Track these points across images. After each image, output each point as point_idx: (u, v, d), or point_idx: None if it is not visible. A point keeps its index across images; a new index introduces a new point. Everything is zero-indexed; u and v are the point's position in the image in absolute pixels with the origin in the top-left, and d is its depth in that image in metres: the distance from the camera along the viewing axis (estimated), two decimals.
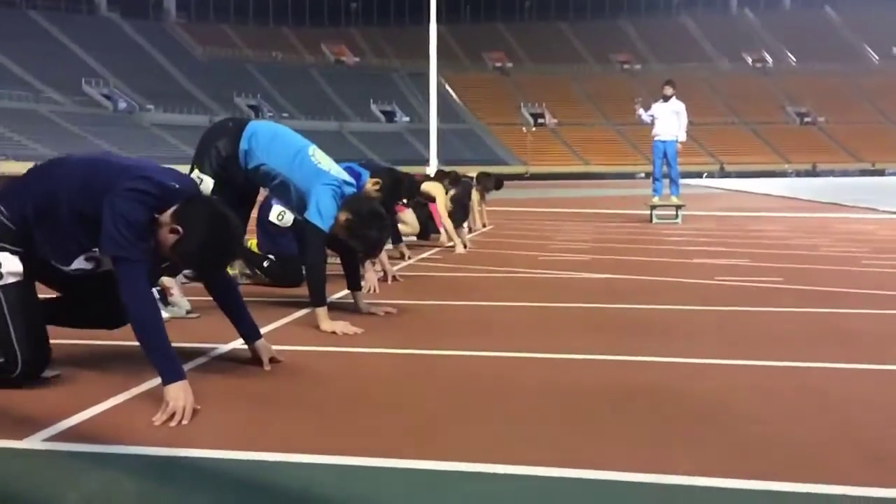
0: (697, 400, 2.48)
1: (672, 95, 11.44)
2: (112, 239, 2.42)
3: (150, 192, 2.48)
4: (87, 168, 2.63)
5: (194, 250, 2.46)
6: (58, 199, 2.55)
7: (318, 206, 3.68)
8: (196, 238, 2.44)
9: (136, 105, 64.40)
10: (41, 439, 2.10)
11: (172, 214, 2.47)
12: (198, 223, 2.44)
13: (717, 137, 76.02)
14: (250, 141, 3.80)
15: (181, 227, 2.44)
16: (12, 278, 2.56)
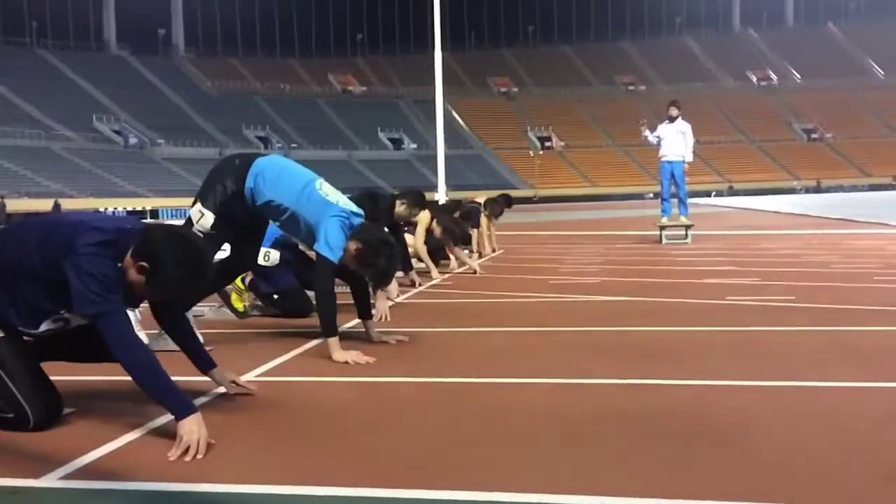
0: (710, 423, 2.46)
1: (678, 116, 11.47)
2: (85, 298, 2.40)
3: (107, 240, 2.46)
4: (41, 230, 2.62)
5: (168, 276, 2.43)
6: (16, 265, 2.53)
7: (326, 237, 3.72)
8: (165, 265, 2.41)
9: (146, 140, 65.13)
10: (57, 477, 2.11)
11: (132, 255, 2.44)
12: (160, 251, 2.42)
13: (724, 156, 76.04)
14: (256, 179, 3.84)
15: (145, 261, 2.42)
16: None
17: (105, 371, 3.10)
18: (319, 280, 3.75)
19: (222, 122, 71.46)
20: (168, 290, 2.53)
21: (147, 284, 2.46)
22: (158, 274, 2.42)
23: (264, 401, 2.92)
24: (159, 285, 2.47)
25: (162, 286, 2.49)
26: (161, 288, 2.51)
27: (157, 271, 2.42)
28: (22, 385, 2.53)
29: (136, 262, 2.43)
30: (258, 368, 3.44)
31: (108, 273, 2.43)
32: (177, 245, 2.45)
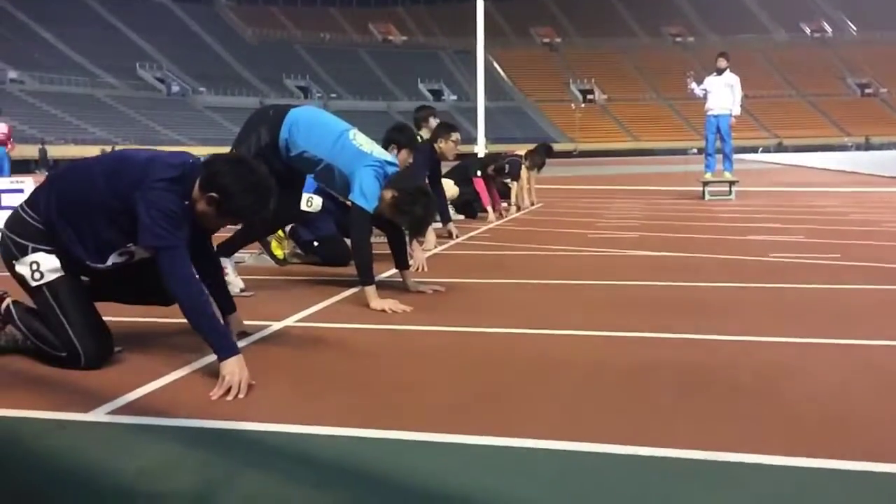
0: (752, 377, 2.44)
1: (726, 68, 11.15)
2: (151, 231, 2.48)
3: (177, 176, 2.54)
4: (108, 165, 2.68)
5: (237, 204, 2.52)
6: (84, 199, 2.61)
7: (361, 187, 3.73)
8: (233, 193, 2.50)
9: (188, 88, 65.54)
10: (105, 412, 2.18)
11: (199, 188, 2.53)
12: (227, 180, 2.50)
13: (773, 111, 74.03)
14: (290, 130, 3.85)
15: (214, 192, 2.51)
16: (53, 275, 2.63)
17: (152, 312, 3.18)
18: (355, 229, 3.78)
19: (263, 72, 71.50)
20: (238, 216, 2.59)
21: (218, 215, 2.54)
22: (227, 202, 2.51)
23: (303, 346, 2.97)
24: (230, 213, 2.56)
25: (232, 213, 2.57)
26: (232, 215, 2.59)
27: (226, 200, 2.51)
28: (76, 324, 2.60)
29: (205, 194, 2.52)
30: (297, 314, 3.49)
31: (175, 209, 2.51)
32: (242, 173, 2.53)
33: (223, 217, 2.58)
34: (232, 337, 2.48)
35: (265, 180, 2.58)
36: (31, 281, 2.62)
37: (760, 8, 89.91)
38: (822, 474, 1.71)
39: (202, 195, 2.53)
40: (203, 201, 2.54)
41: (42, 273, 2.62)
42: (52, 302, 2.62)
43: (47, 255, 2.64)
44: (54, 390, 2.41)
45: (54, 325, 2.62)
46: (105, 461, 1.84)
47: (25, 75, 54.39)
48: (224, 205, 2.52)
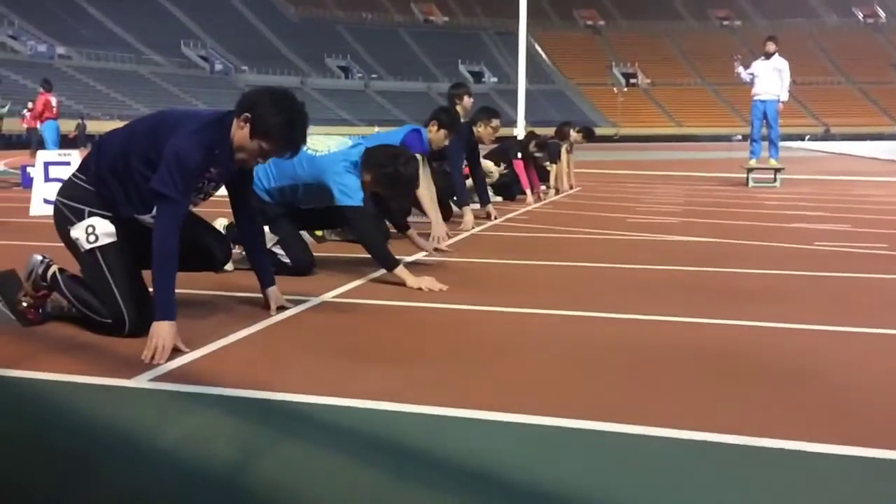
0: (793, 364, 2.40)
1: (774, 52, 10.88)
2: (162, 177, 2.55)
3: (207, 123, 2.64)
4: (150, 125, 2.77)
5: (273, 122, 2.58)
6: (127, 153, 2.70)
7: (339, 188, 3.77)
8: (267, 111, 2.57)
9: (231, 66, 66.13)
10: (147, 379, 2.23)
11: (236, 116, 2.62)
12: (258, 99, 2.60)
13: (821, 97, 72.26)
14: (260, 183, 4.02)
15: (248, 113, 2.58)
16: (107, 239, 2.70)
17: (195, 283, 3.23)
18: (356, 227, 3.83)
19: (304, 51, 71.81)
20: (277, 136, 2.61)
21: (253, 135, 2.59)
22: (259, 120, 2.58)
23: (341, 320, 3.00)
24: (267, 133, 2.59)
25: (271, 133, 2.60)
26: (269, 135, 2.60)
27: (263, 121, 2.57)
28: (123, 290, 2.67)
29: (240, 117, 2.60)
30: (335, 290, 3.53)
31: (195, 166, 2.58)
32: (272, 94, 2.62)
33: (256, 137, 2.60)
34: (174, 306, 2.51)
35: (294, 101, 2.64)
36: (86, 243, 2.68)
37: None
38: (858, 462, 1.68)
39: (238, 121, 2.61)
40: (238, 125, 2.61)
41: (97, 236, 2.69)
42: (103, 265, 2.68)
43: (103, 220, 2.71)
44: (98, 356, 2.47)
45: (102, 289, 2.67)
46: (147, 427, 1.89)
47: (73, 51, 55.37)
48: (256, 123, 2.58)
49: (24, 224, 5.97)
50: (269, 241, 3.93)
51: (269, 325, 2.89)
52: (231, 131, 2.64)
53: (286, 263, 3.91)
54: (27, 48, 53.84)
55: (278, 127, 2.59)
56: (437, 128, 5.29)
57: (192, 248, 2.85)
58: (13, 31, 55.15)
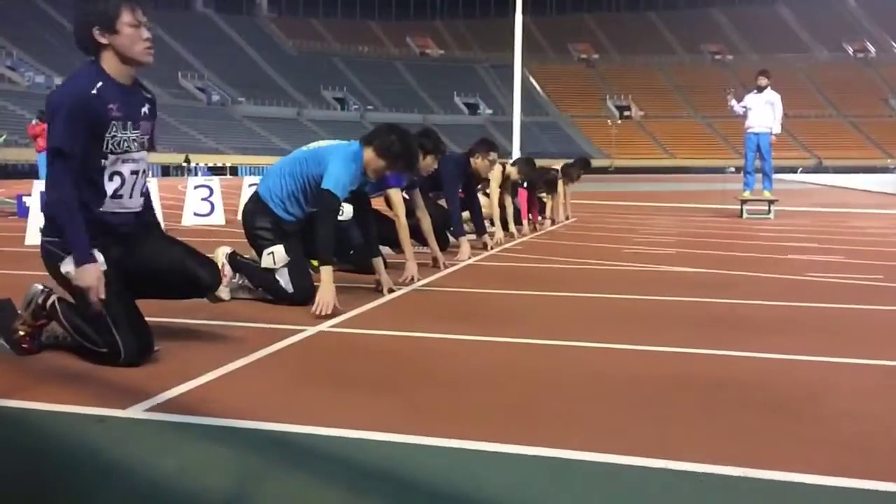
0: (790, 396, 2.40)
1: (767, 86, 11.02)
2: (48, 135, 2.66)
3: (74, 74, 2.76)
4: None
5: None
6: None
7: (332, 173, 3.85)
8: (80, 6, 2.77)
9: (228, 97, 66.60)
10: (143, 409, 2.21)
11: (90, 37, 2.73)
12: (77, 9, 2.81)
13: (813, 131, 72.98)
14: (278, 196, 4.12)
15: (83, 23, 2.72)
16: None
17: (192, 312, 3.22)
18: (322, 212, 3.83)
19: (301, 83, 72.39)
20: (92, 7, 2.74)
21: (97, 29, 2.70)
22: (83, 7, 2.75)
23: (337, 350, 2.99)
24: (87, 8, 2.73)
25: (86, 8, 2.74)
26: (87, 10, 2.73)
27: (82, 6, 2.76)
28: (117, 320, 2.65)
29: (92, 36, 2.70)
30: (331, 320, 3.52)
31: (78, 104, 2.63)
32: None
33: (94, 21, 2.69)
34: (89, 248, 2.63)
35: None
36: (74, 277, 2.67)
37: (801, 27, 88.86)
38: (859, 494, 1.67)
39: (94, 41, 2.70)
40: (97, 42, 2.71)
41: None
42: None
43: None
44: (93, 386, 2.45)
45: (95, 321, 2.66)
46: (142, 457, 1.87)
47: None
48: (83, 11, 2.71)
49: (20, 253, 5.96)
50: (280, 262, 3.93)
51: (266, 354, 2.87)
52: (101, 61, 2.72)
53: (286, 291, 3.90)
54: (25, 79, 54.17)
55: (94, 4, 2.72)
56: (423, 155, 5.27)
57: (175, 275, 2.84)
58: (12, 62, 55.54)
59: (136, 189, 2.84)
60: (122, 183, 2.77)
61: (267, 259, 3.97)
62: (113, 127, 2.69)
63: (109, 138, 2.69)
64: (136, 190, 2.83)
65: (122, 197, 2.79)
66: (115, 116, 2.69)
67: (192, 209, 9.40)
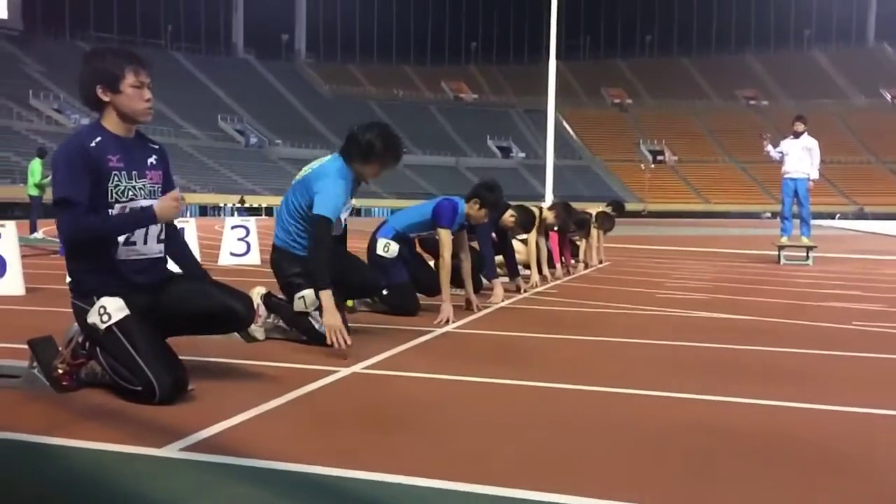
0: (833, 448, 2.33)
1: (803, 131, 10.94)
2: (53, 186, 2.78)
3: (76, 132, 2.87)
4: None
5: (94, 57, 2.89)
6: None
7: (321, 195, 3.86)
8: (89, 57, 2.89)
9: (265, 140, 67.91)
10: (177, 449, 2.22)
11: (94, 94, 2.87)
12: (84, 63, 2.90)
13: (851, 176, 72.03)
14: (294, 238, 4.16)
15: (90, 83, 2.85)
16: (120, 314, 2.74)
17: (226, 353, 3.25)
18: (314, 236, 3.83)
19: (337, 126, 73.43)
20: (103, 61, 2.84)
21: (99, 85, 2.83)
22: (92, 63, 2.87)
23: (371, 393, 2.98)
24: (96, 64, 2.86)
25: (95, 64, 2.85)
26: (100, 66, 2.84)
27: (91, 62, 2.87)
28: (149, 359, 2.68)
29: (95, 93, 2.82)
30: (364, 361, 3.51)
31: (77, 158, 2.74)
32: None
33: (97, 79, 2.82)
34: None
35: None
36: (101, 324, 2.73)
37: (837, 72, 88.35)
38: None
39: (98, 98, 2.82)
40: (100, 100, 2.83)
41: (110, 314, 2.73)
42: (124, 340, 2.71)
43: (111, 298, 2.76)
44: (130, 424, 2.47)
45: (128, 363, 2.69)
46: (176, 497, 1.87)
47: None
48: (93, 69, 2.82)
49: (62, 291, 6.06)
50: (311, 305, 3.93)
51: (300, 395, 2.87)
52: (103, 119, 2.82)
53: (320, 332, 3.91)
54: (71, 121, 55.85)
55: (107, 58, 2.86)
56: (479, 206, 5.26)
57: (210, 309, 2.87)
58: (58, 105, 57.35)
59: (151, 236, 2.90)
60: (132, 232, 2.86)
61: (298, 303, 3.98)
62: (114, 177, 2.79)
63: (112, 188, 2.79)
64: (150, 236, 2.90)
65: (136, 244, 2.86)
66: (116, 167, 2.79)
67: (228, 249, 9.53)
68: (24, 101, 55.23)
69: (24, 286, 5.99)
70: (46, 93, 58.12)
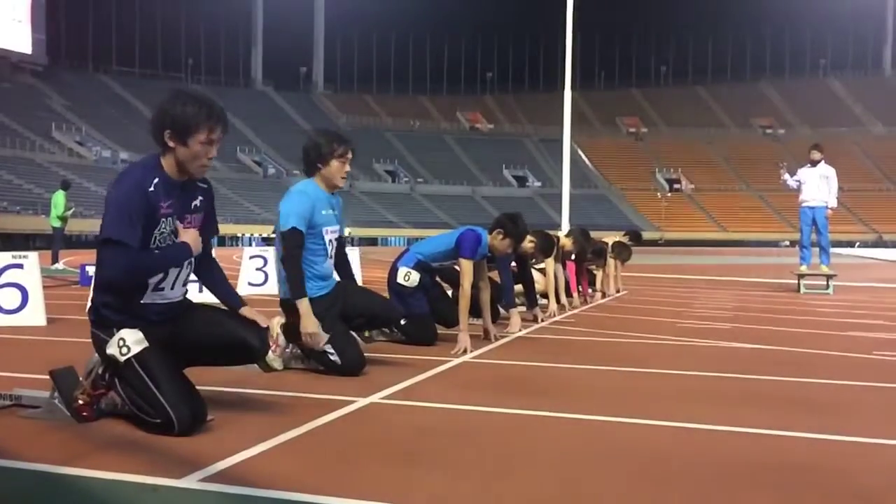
0: (861, 482, 2.28)
1: (820, 160, 10.89)
2: (103, 226, 2.72)
3: (132, 167, 2.87)
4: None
5: (176, 110, 2.78)
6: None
7: (282, 214, 3.95)
8: (167, 107, 2.79)
9: (283, 171, 68.52)
10: (197, 479, 2.22)
11: (159, 145, 2.84)
12: (159, 108, 2.86)
13: (870, 205, 71.44)
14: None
15: (158, 130, 2.82)
16: (138, 346, 2.75)
17: (244, 383, 3.25)
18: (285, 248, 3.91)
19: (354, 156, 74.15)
20: (186, 121, 2.76)
21: (174, 139, 2.77)
22: (167, 118, 2.77)
23: (389, 423, 2.96)
24: (177, 126, 2.76)
25: (179, 124, 2.75)
26: (180, 126, 2.75)
27: (166, 118, 2.78)
28: (167, 392, 2.68)
29: (161, 143, 2.79)
30: (382, 391, 3.50)
31: (134, 202, 2.70)
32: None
33: (177, 138, 2.78)
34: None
35: (185, 90, 2.86)
36: (120, 356, 2.74)
37: (854, 100, 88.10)
38: None
39: (163, 149, 2.81)
40: (167, 147, 2.81)
41: (129, 346, 2.74)
42: (142, 372, 2.72)
43: (130, 331, 2.77)
44: (149, 454, 2.47)
45: (147, 395, 2.70)
46: None
47: (135, 157, 57.97)
48: (168, 126, 2.77)
49: (82, 322, 6.10)
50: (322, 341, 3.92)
51: (318, 426, 2.86)
52: (163, 163, 2.79)
53: (336, 362, 3.90)
54: (93, 153, 56.71)
55: (190, 110, 2.75)
56: (503, 237, 5.26)
57: (224, 342, 2.87)
58: (80, 138, 58.27)
59: (179, 281, 2.91)
60: (165, 275, 2.84)
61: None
62: (162, 224, 2.79)
63: (157, 234, 2.79)
64: (178, 282, 2.90)
65: (164, 289, 2.86)
66: (166, 213, 2.79)
67: (246, 279, 9.57)
68: (46, 134, 56.15)
69: (46, 316, 6.04)
70: (69, 126, 59.08)
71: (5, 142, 50.69)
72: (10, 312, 5.96)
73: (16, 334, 5.45)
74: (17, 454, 2.43)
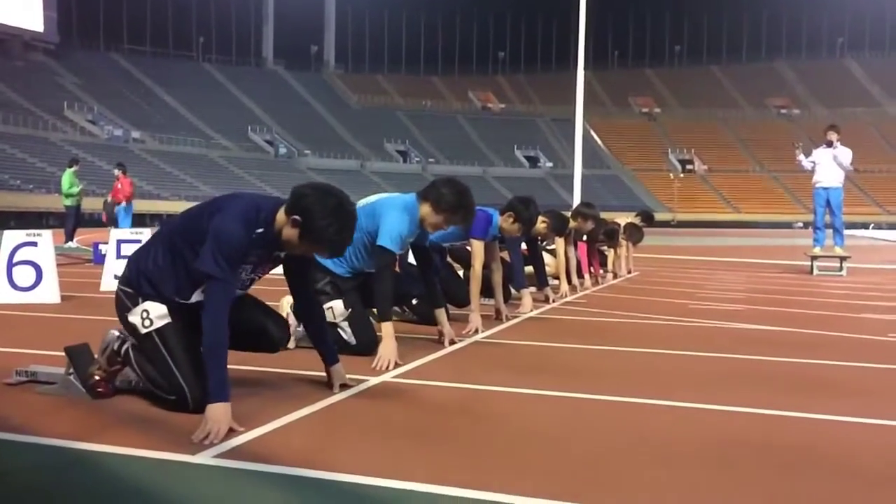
0: (872, 464, 2.28)
1: (836, 141, 10.79)
2: (208, 257, 2.61)
3: (249, 208, 2.70)
4: (188, 213, 2.89)
5: (321, 226, 2.60)
6: (184, 229, 2.80)
7: (386, 228, 3.85)
8: (317, 215, 2.59)
9: (294, 150, 68.51)
10: (211, 455, 2.24)
11: (285, 212, 2.66)
12: (313, 209, 2.60)
13: (885, 186, 70.73)
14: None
15: (298, 215, 2.61)
16: (161, 321, 2.76)
17: (258, 361, 3.27)
18: (379, 268, 3.86)
19: (365, 136, 74.02)
20: (324, 241, 2.67)
21: (301, 238, 2.64)
22: (312, 226, 2.61)
23: (401, 401, 2.99)
24: (314, 237, 2.64)
25: (317, 238, 2.65)
26: (316, 239, 2.65)
27: (312, 224, 2.61)
28: (184, 369, 2.70)
29: (290, 217, 2.64)
30: (394, 371, 3.52)
31: (238, 246, 2.63)
32: (324, 201, 2.63)
33: (305, 240, 2.65)
34: (228, 387, 2.52)
35: (348, 209, 2.68)
36: (142, 328, 2.76)
37: (871, 80, 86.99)
38: None
39: (287, 219, 2.65)
40: (287, 225, 2.65)
41: (151, 320, 2.76)
42: (161, 347, 2.74)
43: (155, 303, 2.78)
44: (164, 431, 2.50)
45: (163, 370, 2.73)
46: (208, 502, 1.88)
47: (147, 136, 58.22)
48: (307, 229, 2.61)
49: (96, 299, 6.17)
50: (339, 316, 3.95)
51: (331, 403, 2.89)
52: (276, 221, 2.68)
53: (348, 342, 3.92)
54: (104, 132, 56.83)
55: (330, 236, 2.64)
56: (514, 220, 5.24)
57: (247, 330, 2.90)
58: (92, 116, 58.39)
59: None
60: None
61: (326, 314, 3.99)
62: (242, 271, 2.79)
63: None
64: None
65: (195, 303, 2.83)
66: (250, 262, 2.78)
67: None
68: (59, 113, 56.27)
69: (60, 294, 6.09)
70: (81, 104, 59.19)
71: (18, 120, 50.87)
72: (25, 290, 6.02)
73: (30, 311, 5.50)
74: (34, 430, 2.46)
